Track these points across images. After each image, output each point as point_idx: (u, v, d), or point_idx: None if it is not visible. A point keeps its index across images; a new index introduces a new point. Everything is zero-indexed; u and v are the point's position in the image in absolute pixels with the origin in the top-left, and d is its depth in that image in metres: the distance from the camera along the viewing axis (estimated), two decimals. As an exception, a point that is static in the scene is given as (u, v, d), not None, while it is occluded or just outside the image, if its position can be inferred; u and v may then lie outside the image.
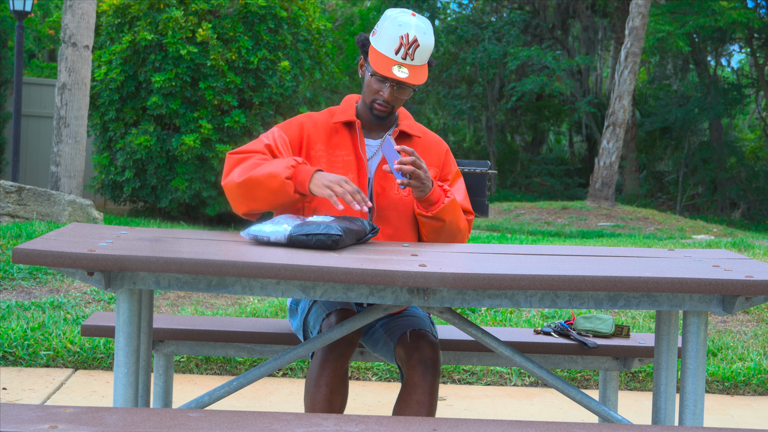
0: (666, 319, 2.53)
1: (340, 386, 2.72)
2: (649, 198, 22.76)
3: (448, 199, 2.88)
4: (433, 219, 2.88)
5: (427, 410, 2.71)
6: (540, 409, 4.39)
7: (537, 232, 13.17)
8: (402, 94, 2.91)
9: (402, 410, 2.73)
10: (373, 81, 2.90)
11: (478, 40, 22.50)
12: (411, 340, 2.79)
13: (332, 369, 2.71)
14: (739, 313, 5.65)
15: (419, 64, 2.88)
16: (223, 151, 10.92)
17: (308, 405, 2.73)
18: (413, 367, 2.74)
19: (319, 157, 2.91)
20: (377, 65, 2.86)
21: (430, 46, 2.88)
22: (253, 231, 2.59)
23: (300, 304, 2.98)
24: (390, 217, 2.92)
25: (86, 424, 2.01)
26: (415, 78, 2.86)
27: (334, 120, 2.97)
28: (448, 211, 2.88)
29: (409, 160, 2.75)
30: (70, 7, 10.06)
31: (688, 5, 19.89)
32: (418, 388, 2.72)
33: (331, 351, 2.72)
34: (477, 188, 11.39)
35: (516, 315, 5.37)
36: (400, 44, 2.84)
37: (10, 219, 7.71)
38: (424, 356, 2.74)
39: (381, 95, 2.90)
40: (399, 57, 2.85)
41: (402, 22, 2.85)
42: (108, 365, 4.65)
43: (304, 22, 11.94)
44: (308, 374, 2.74)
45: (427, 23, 2.91)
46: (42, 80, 15.29)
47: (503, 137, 25.40)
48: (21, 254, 2.19)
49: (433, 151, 3.04)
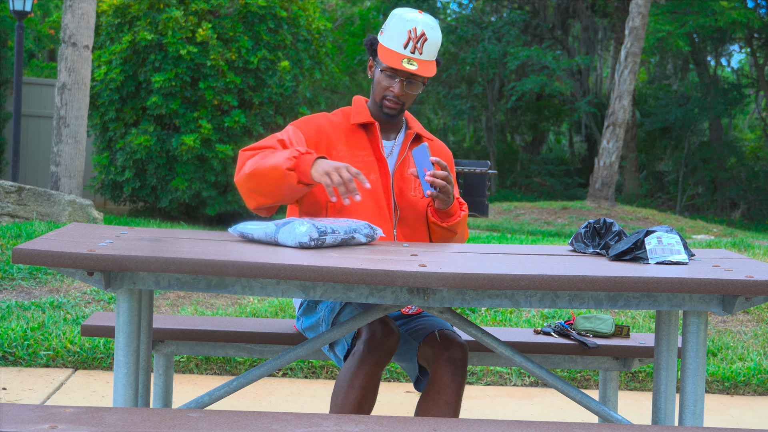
0: (666, 319, 2.53)
1: (372, 391, 2.71)
2: (649, 198, 22.76)
3: (463, 213, 2.95)
4: (447, 230, 2.94)
5: (453, 410, 2.73)
6: (540, 409, 4.39)
7: (537, 232, 13.17)
8: (412, 89, 2.92)
9: (429, 409, 2.73)
10: (383, 77, 2.92)
11: (478, 40, 22.51)
12: (441, 340, 2.80)
13: (368, 373, 2.68)
14: (739, 313, 5.65)
15: (428, 58, 2.91)
16: (223, 151, 10.93)
17: (337, 405, 2.69)
18: (443, 367, 2.75)
19: (342, 158, 2.91)
20: (387, 59, 2.88)
21: (438, 41, 2.92)
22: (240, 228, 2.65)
23: (322, 302, 2.93)
24: (408, 217, 2.95)
25: (86, 424, 2.01)
26: (424, 71, 2.89)
27: (352, 121, 2.99)
28: (461, 224, 2.96)
29: (442, 175, 2.80)
30: (70, 7, 10.06)
31: (688, 5, 19.90)
32: (448, 388, 2.73)
33: (371, 354, 2.69)
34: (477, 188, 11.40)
35: (516, 315, 5.37)
36: (408, 38, 2.87)
37: (10, 219, 7.71)
38: (454, 356, 2.76)
39: (391, 90, 2.92)
40: (408, 51, 2.88)
41: (409, 18, 2.90)
42: (108, 365, 4.64)
43: (304, 22, 11.94)
44: (341, 374, 2.71)
45: (434, 20, 2.95)
46: (42, 80, 15.29)
47: (503, 137, 25.40)
48: (21, 254, 2.19)
49: (442, 155, 3.09)
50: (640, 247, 2.56)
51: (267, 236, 2.57)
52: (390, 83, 2.91)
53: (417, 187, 2.99)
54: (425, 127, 24.90)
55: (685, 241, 2.63)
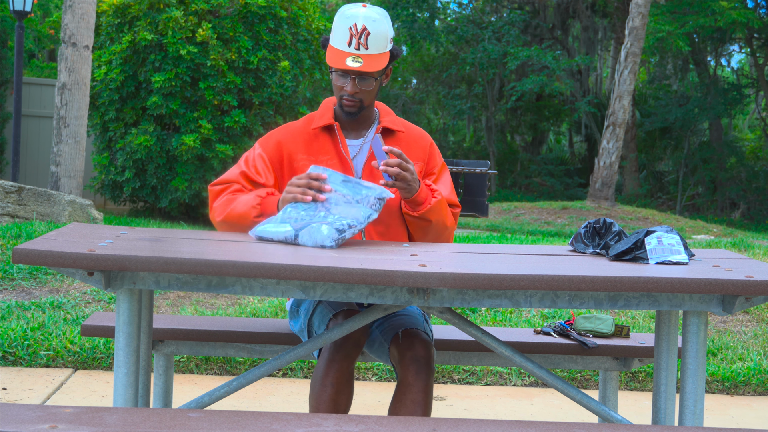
0: (666, 319, 2.53)
1: (346, 386, 2.72)
2: (649, 198, 22.77)
3: (435, 199, 2.89)
4: (420, 219, 2.89)
5: (422, 409, 2.70)
6: (540, 409, 4.39)
7: (537, 232, 13.17)
8: (365, 85, 2.90)
9: (397, 410, 2.72)
10: (335, 77, 2.92)
11: (478, 40, 22.51)
12: (403, 339, 2.78)
13: (338, 369, 2.70)
14: (739, 313, 5.65)
15: (375, 52, 2.87)
16: (223, 151, 10.93)
17: (313, 404, 2.72)
18: (406, 367, 2.74)
19: (304, 167, 2.92)
20: (332, 60, 2.88)
21: (383, 33, 2.87)
22: (258, 231, 2.65)
23: (302, 306, 2.98)
24: (381, 215, 2.91)
25: (86, 424, 2.01)
26: (370, 66, 2.86)
27: (312, 126, 2.99)
28: (434, 211, 2.89)
29: (394, 162, 2.75)
30: (70, 7, 10.06)
31: (688, 5, 19.90)
32: (412, 387, 2.71)
33: (337, 351, 2.72)
34: (477, 188, 11.37)
35: (516, 315, 5.37)
36: (350, 35, 2.85)
37: (10, 219, 7.71)
38: (417, 355, 2.74)
39: (345, 90, 2.91)
40: (352, 48, 2.85)
41: (350, 15, 2.87)
42: (108, 365, 4.64)
43: (304, 22, 11.94)
44: (314, 374, 2.74)
45: (380, 11, 2.90)
46: (42, 80, 15.29)
47: (503, 137, 25.41)
48: (21, 254, 2.19)
49: (417, 145, 3.03)
50: (640, 247, 2.56)
51: (287, 240, 2.59)
52: (342, 83, 2.91)
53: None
54: (425, 127, 24.92)
55: (685, 241, 2.63)
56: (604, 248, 2.67)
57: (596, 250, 2.69)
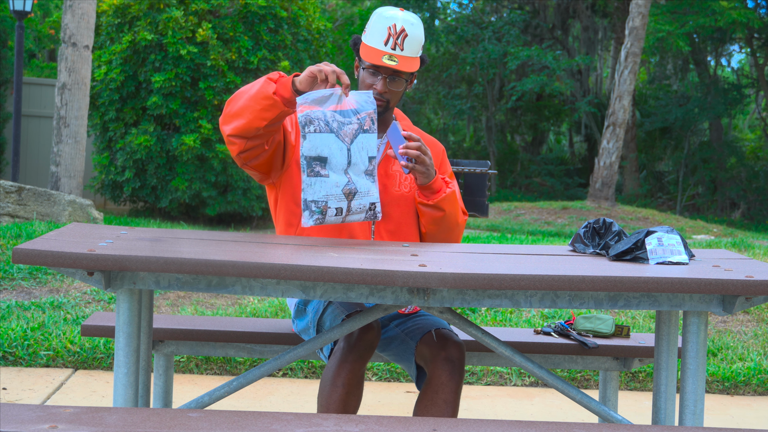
0: (666, 319, 2.53)
1: (356, 388, 2.72)
2: (649, 198, 22.76)
3: (449, 189, 2.93)
4: (434, 208, 2.92)
5: (452, 410, 2.73)
6: (540, 409, 4.39)
7: (537, 232, 13.16)
8: (395, 86, 2.93)
9: (427, 409, 2.73)
10: (366, 75, 2.94)
11: (478, 40, 22.50)
12: (438, 339, 2.80)
13: (350, 370, 2.69)
14: (739, 313, 5.65)
15: (409, 55, 2.92)
16: (223, 151, 10.93)
17: (323, 405, 2.71)
18: (440, 366, 2.75)
19: None
20: (368, 57, 2.90)
21: (419, 37, 2.92)
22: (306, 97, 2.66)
23: (310, 304, 2.98)
24: (392, 213, 2.94)
25: (86, 424, 2.01)
26: (405, 66, 2.90)
27: None
28: (448, 201, 2.92)
29: (414, 145, 2.81)
30: (70, 7, 10.06)
31: (688, 5, 19.89)
32: (446, 387, 2.74)
33: (350, 352, 2.70)
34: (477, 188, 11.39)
35: (516, 315, 5.37)
36: (388, 35, 2.89)
37: (10, 219, 7.71)
38: (452, 356, 2.76)
39: (375, 88, 2.92)
40: (388, 47, 2.89)
41: (389, 15, 2.92)
42: (108, 365, 4.64)
43: (304, 22, 11.95)
44: (324, 374, 2.73)
45: (416, 17, 2.96)
46: (42, 80, 15.29)
47: (503, 137, 25.40)
48: (21, 254, 2.19)
49: (431, 150, 3.07)
50: (641, 247, 2.56)
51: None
52: (373, 80, 2.93)
53: (403, 182, 2.99)
54: (425, 127, 24.93)
55: (686, 241, 2.63)
56: (604, 248, 2.67)
57: (596, 251, 2.69)
